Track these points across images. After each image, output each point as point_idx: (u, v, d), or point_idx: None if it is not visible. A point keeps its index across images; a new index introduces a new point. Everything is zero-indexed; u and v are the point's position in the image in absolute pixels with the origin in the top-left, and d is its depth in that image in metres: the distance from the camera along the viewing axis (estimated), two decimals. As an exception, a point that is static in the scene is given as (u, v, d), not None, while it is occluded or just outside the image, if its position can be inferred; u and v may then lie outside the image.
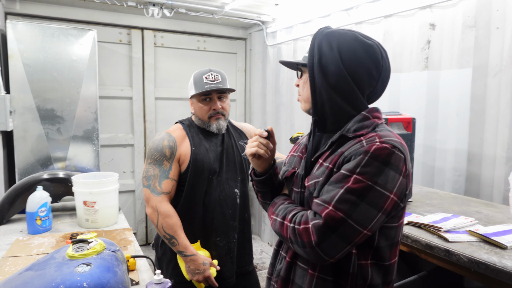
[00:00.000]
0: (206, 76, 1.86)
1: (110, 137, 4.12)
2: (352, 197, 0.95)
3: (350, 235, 0.96)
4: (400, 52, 2.76)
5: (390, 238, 1.06)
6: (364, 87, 1.07)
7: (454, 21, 2.38)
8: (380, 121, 1.10)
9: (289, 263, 1.15)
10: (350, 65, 1.04)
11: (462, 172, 2.37)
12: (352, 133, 1.06)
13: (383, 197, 0.96)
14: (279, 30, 4.16)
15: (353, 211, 0.95)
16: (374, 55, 1.06)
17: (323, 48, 1.07)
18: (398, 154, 0.98)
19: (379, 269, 1.06)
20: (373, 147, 0.97)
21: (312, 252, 0.98)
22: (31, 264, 1.23)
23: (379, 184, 0.95)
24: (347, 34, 1.08)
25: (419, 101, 2.62)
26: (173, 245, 1.77)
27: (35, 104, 2.97)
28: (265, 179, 1.23)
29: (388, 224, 1.04)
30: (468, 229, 1.50)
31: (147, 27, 4.19)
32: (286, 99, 4.13)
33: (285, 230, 1.06)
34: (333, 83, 1.06)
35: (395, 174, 0.97)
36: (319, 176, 1.07)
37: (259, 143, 1.18)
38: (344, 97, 1.07)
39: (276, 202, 1.19)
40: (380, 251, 1.05)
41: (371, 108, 1.10)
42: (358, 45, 1.05)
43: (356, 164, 0.97)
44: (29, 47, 2.94)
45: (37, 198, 2.02)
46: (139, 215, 4.37)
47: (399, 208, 1.04)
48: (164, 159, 1.82)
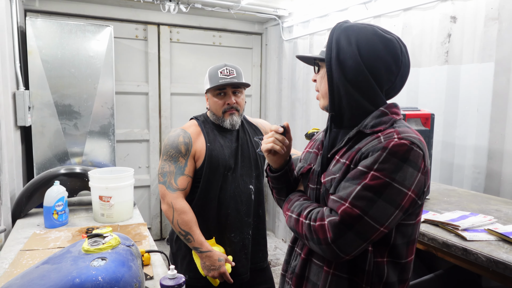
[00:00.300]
0: (221, 70, 1.85)
1: (125, 132, 4.16)
2: (369, 193, 0.94)
3: (367, 232, 0.94)
4: (419, 46, 2.69)
5: (407, 236, 1.04)
6: (382, 82, 1.05)
7: (477, 14, 2.30)
8: (399, 117, 1.07)
9: (304, 260, 1.14)
10: (368, 60, 1.02)
11: (481, 169, 2.30)
12: (369, 129, 1.03)
13: (400, 194, 0.94)
14: (295, 25, 4.12)
15: (370, 208, 0.93)
16: (394, 50, 1.04)
17: (341, 43, 1.05)
18: (416, 151, 0.96)
19: (395, 267, 1.04)
20: (391, 143, 0.95)
21: (328, 249, 0.97)
22: (48, 258, 1.25)
23: (397, 181, 0.94)
24: (366, 28, 1.06)
25: (438, 96, 2.56)
26: (189, 242, 1.77)
27: (53, 99, 3.01)
28: (280, 175, 1.22)
29: (405, 222, 1.02)
30: (486, 228, 1.46)
31: (163, 22, 4.21)
32: (302, 94, 4.10)
33: (300, 227, 1.06)
34: (351, 78, 1.04)
35: (413, 171, 0.95)
36: (336, 172, 1.05)
37: (275, 139, 1.16)
38: (362, 92, 1.05)
39: (292, 198, 1.18)
40: (396, 248, 1.03)
41: (389, 104, 1.08)
42: (377, 40, 1.03)
43: (373, 161, 0.96)
44: (47, 44, 2.98)
45: (54, 192, 2.06)
46: (154, 210, 4.42)
47: (417, 206, 1.01)
48: (179, 156, 1.82)
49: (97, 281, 1.11)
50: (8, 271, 1.51)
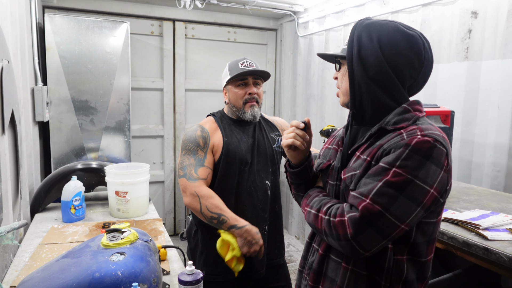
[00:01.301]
0: (241, 62, 1.87)
1: (140, 128, 4.19)
2: (391, 190, 0.93)
3: (387, 229, 0.94)
4: (438, 42, 2.64)
5: (427, 234, 1.03)
6: (405, 79, 1.04)
7: (499, 8, 2.24)
8: (422, 114, 1.06)
9: (322, 256, 1.13)
10: (390, 57, 1.01)
11: (502, 167, 2.25)
12: (391, 125, 1.02)
13: (423, 191, 0.93)
14: (311, 21, 4.08)
15: (391, 204, 0.93)
16: (416, 46, 1.02)
17: (363, 40, 1.04)
18: (440, 148, 0.95)
19: (414, 265, 1.04)
20: (414, 140, 0.94)
21: (347, 245, 0.97)
22: (68, 252, 1.27)
23: (420, 178, 0.92)
24: (388, 24, 1.05)
25: (458, 93, 2.50)
26: (223, 222, 1.71)
27: (70, 95, 3.05)
28: (300, 171, 1.21)
29: (426, 220, 1.01)
30: (508, 227, 1.43)
31: (178, 18, 4.22)
32: (317, 91, 4.07)
33: (319, 222, 1.05)
34: (372, 75, 1.03)
35: (436, 168, 0.94)
36: (356, 168, 1.04)
37: (296, 134, 1.16)
38: (384, 89, 1.04)
39: (310, 194, 1.18)
40: (417, 247, 1.02)
41: (412, 101, 1.07)
42: (399, 36, 1.02)
43: (396, 157, 0.95)
44: (65, 40, 3.02)
45: (71, 187, 2.08)
46: (168, 206, 4.45)
47: (439, 204, 1.00)
48: (198, 149, 1.82)
49: (116, 276, 1.12)
50: (28, 264, 1.53)
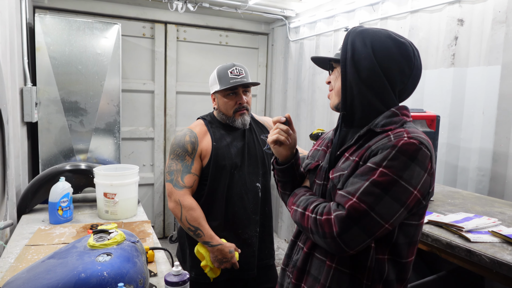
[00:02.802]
0: (231, 71, 1.85)
1: (131, 130, 4.18)
2: (377, 190, 0.96)
3: (372, 228, 0.96)
4: (425, 49, 2.69)
5: (409, 236, 1.06)
6: (395, 83, 1.08)
7: (484, 17, 2.30)
8: (409, 119, 1.10)
9: (306, 254, 1.15)
10: (383, 61, 1.06)
11: (486, 172, 2.30)
12: (380, 127, 1.06)
13: (406, 192, 0.96)
14: (302, 26, 4.12)
15: (376, 204, 0.95)
16: (407, 53, 1.07)
17: (356, 44, 1.09)
18: (425, 151, 0.98)
19: (394, 265, 1.06)
20: (401, 142, 0.98)
21: (333, 243, 0.99)
22: (54, 253, 1.26)
23: (404, 179, 0.95)
24: (380, 32, 1.10)
25: (444, 98, 2.55)
26: (199, 237, 1.79)
27: (60, 96, 3.03)
28: (286, 168, 1.24)
29: (408, 221, 1.04)
30: (490, 230, 1.46)
31: (170, 21, 4.23)
32: (307, 95, 4.10)
33: (306, 221, 1.07)
34: (365, 78, 1.07)
35: (420, 171, 0.97)
36: (345, 169, 1.07)
37: (280, 130, 1.20)
38: (375, 92, 1.08)
39: (297, 193, 1.20)
40: (398, 247, 1.05)
41: (400, 106, 1.11)
42: (391, 42, 1.07)
43: (383, 158, 0.98)
44: (55, 40, 3.00)
45: (59, 188, 2.07)
46: (157, 208, 4.43)
47: (421, 206, 1.03)
48: (186, 154, 1.84)
49: (102, 276, 1.12)
50: (14, 265, 1.52)
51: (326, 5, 3.68)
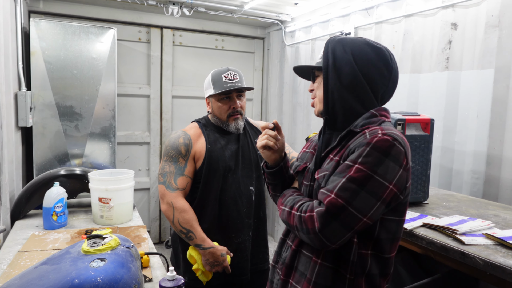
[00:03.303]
0: (225, 75, 1.86)
1: (126, 134, 4.17)
2: (353, 185, 1.00)
3: (351, 222, 1.01)
4: (420, 52, 2.71)
5: (391, 232, 1.10)
6: (377, 87, 1.14)
7: (477, 21, 2.32)
8: (387, 119, 1.15)
9: (294, 251, 1.20)
10: (363, 66, 1.11)
11: (480, 174, 2.31)
12: (359, 128, 1.11)
13: (382, 186, 1.00)
14: (297, 30, 4.14)
15: (353, 199, 1.00)
16: (384, 57, 1.13)
17: (337, 52, 1.14)
18: (398, 147, 1.02)
19: (378, 261, 1.11)
20: (375, 139, 1.03)
21: (315, 238, 1.04)
22: (47, 259, 1.25)
23: (379, 174, 1.00)
24: (358, 39, 1.16)
25: (439, 102, 2.56)
26: (190, 239, 1.78)
27: (55, 101, 3.03)
28: (275, 171, 1.30)
29: (389, 217, 1.09)
30: (484, 232, 1.47)
31: (166, 25, 4.23)
32: (303, 99, 4.11)
33: (292, 219, 1.13)
34: (347, 83, 1.12)
35: (394, 166, 1.01)
36: (328, 169, 1.12)
37: (268, 136, 1.27)
38: (356, 96, 1.13)
39: (286, 194, 1.26)
40: (380, 243, 1.09)
41: (379, 107, 1.16)
42: (369, 49, 1.13)
43: (358, 155, 1.03)
44: (50, 45, 3.00)
45: (53, 193, 2.06)
46: (153, 213, 4.42)
47: (399, 201, 1.07)
48: (179, 157, 1.83)
49: (96, 282, 1.11)
50: (6, 271, 1.51)
51: (322, 9, 3.70)
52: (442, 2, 2.51)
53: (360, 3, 3.19)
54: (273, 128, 1.28)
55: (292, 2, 3.70)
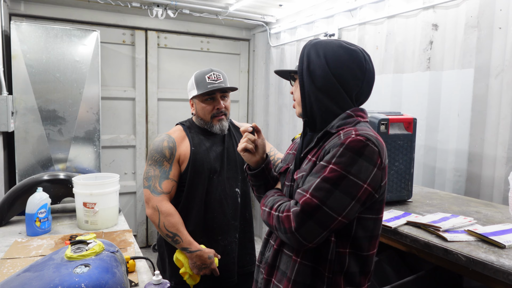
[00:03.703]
0: (208, 76, 1.86)
1: (111, 138, 4.13)
2: (327, 185, 1.03)
3: (326, 221, 1.03)
4: (402, 53, 2.75)
5: (368, 230, 1.12)
6: (350, 87, 1.16)
7: (457, 22, 2.36)
8: (363, 119, 1.17)
9: (276, 250, 1.22)
10: (335, 69, 1.14)
11: (462, 172, 2.35)
12: (335, 129, 1.13)
13: (356, 186, 1.03)
14: (282, 31, 4.16)
15: (327, 198, 1.02)
16: (358, 59, 1.15)
17: (311, 56, 1.18)
18: (371, 147, 1.04)
19: (357, 259, 1.13)
20: (348, 139, 1.05)
21: (292, 237, 1.06)
22: (29, 266, 1.23)
23: (352, 174, 1.02)
24: (333, 42, 1.18)
25: (421, 101, 2.61)
26: (177, 243, 1.77)
27: (37, 105, 2.98)
28: (257, 173, 1.32)
29: (365, 215, 1.11)
30: (466, 229, 1.50)
31: (150, 27, 4.20)
32: (289, 100, 4.13)
33: (271, 219, 1.15)
34: (320, 85, 1.15)
35: (368, 165, 1.03)
36: (306, 169, 1.15)
37: (248, 139, 1.30)
38: (331, 97, 1.16)
39: (267, 195, 1.28)
40: (358, 241, 1.11)
41: (356, 108, 1.18)
42: (342, 51, 1.15)
43: (332, 155, 1.05)
44: (32, 48, 2.96)
45: (36, 199, 2.02)
46: (140, 217, 4.38)
47: (375, 200, 1.09)
48: (164, 160, 1.82)
49: (79, 288, 1.10)
50: (-11, 279, 1.48)
51: (306, 10, 3.73)
52: (423, 3, 2.56)
53: (343, 5, 3.23)
54: (252, 131, 1.31)
55: (277, 3, 3.72)
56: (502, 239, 1.37)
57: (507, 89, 2.09)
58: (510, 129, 2.07)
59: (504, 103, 2.10)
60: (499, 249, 1.33)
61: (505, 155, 2.09)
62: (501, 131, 2.12)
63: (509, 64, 2.08)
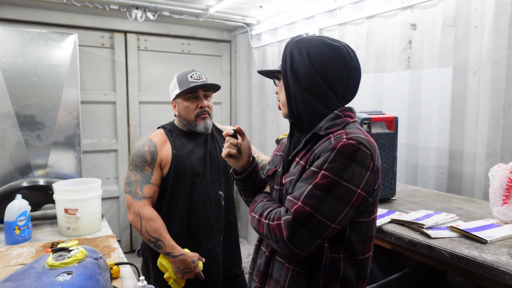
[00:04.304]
0: (190, 75, 1.86)
1: (92, 142, 4.06)
2: (319, 192, 0.99)
3: (319, 229, 0.99)
4: (383, 52, 2.79)
5: (362, 233, 1.09)
6: (335, 86, 1.12)
7: (435, 21, 2.41)
8: (352, 120, 1.14)
9: (268, 258, 1.18)
10: (319, 67, 1.09)
11: (444, 169, 2.40)
12: (323, 131, 1.10)
13: (349, 192, 0.99)
14: (263, 32, 4.17)
15: (320, 206, 0.98)
16: (342, 55, 1.11)
17: (294, 54, 1.13)
18: (364, 150, 1.01)
19: (352, 263, 1.09)
20: (340, 144, 1.01)
21: (284, 247, 1.02)
22: (9, 275, 1.20)
23: (345, 179, 0.99)
24: (315, 39, 1.14)
25: (402, 100, 2.65)
26: (160, 248, 1.75)
27: (14, 110, 2.90)
28: (244, 177, 1.27)
29: (359, 219, 1.08)
30: (449, 225, 1.52)
31: (130, 30, 4.15)
32: (272, 101, 4.13)
33: (261, 227, 1.11)
34: (305, 85, 1.11)
35: (361, 170, 1.00)
36: (295, 174, 1.11)
37: (230, 144, 1.24)
38: (317, 97, 1.12)
39: (256, 200, 1.23)
40: (352, 245, 1.08)
41: (343, 107, 1.15)
42: (326, 48, 1.11)
43: (323, 161, 1.01)
44: (7, 52, 2.87)
45: (15, 207, 1.97)
46: (123, 221, 4.31)
47: (369, 203, 1.07)
48: (145, 165, 1.80)
49: (62, 297, 1.07)
50: (-34, 291, 1.43)
51: (287, 11, 3.74)
52: (401, 4, 2.60)
53: (323, 5, 3.25)
54: (234, 135, 1.25)
55: (257, 5, 3.72)
56: (484, 234, 1.40)
57: (484, 87, 2.14)
58: (488, 126, 2.12)
59: (482, 101, 2.15)
60: (481, 244, 1.35)
61: (484, 151, 2.14)
62: (480, 128, 2.17)
63: (485, 62, 2.13)
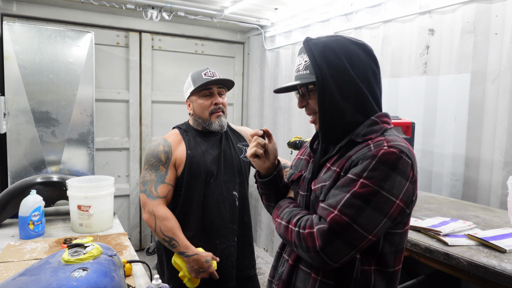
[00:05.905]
0: (205, 73, 1.88)
1: (105, 140, 4.08)
2: (358, 201, 0.94)
3: (355, 240, 0.94)
4: (399, 57, 2.76)
5: (394, 245, 1.04)
6: (373, 87, 1.07)
7: (453, 27, 2.38)
8: (389, 126, 1.08)
9: (292, 266, 1.13)
10: (358, 69, 1.04)
11: (459, 176, 2.36)
12: (361, 137, 1.04)
13: (389, 202, 0.94)
14: (277, 35, 4.16)
15: (358, 216, 0.93)
16: (370, 52, 1.08)
17: (330, 59, 1.03)
18: (405, 159, 0.96)
19: (382, 276, 1.04)
20: (381, 152, 0.95)
21: (316, 257, 0.96)
22: (25, 269, 1.20)
23: (386, 189, 0.94)
24: (341, 40, 1.07)
25: (418, 106, 2.62)
26: (174, 247, 1.75)
27: (30, 106, 2.93)
28: (269, 180, 1.22)
29: (393, 230, 1.03)
30: (466, 233, 1.50)
31: (145, 30, 4.18)
32: (284, 103, 4.12)
33: (289, 234, 1.05)
34: (347, 93, 1.03)
35: (402, 180, 0.95)
36: (326, 180, 1.05)
37: (257, 143, 1.18)
38: (358, 106, 1.05)
39: (281, 205, 1.17)
40: (384, 257, 1.03)
41: (380, 113, 1.08)
42: (357, 47, 1.06)
43: (363, 168, 0.96)
44: (25, 49, 2.91)
45: (30, 202, 1.98)
46: (133, 220, 4.33)
47: (405, 214, 1.02)
48: (160, 164, 1.81)
49: (78, 293, 1.07)
50: (-19, 284, 1.44)
51: (301, 14, 3.73)
52: (419, 8, 2.58)
53: (339, 9, 3.24)
54: (262, 136, 1.20)
55: (272, 7, 3.72)
56: (502, 243, 1.38)
57: (503, 93, 2.11)
58: (507, 134, 2.09)
59: (501, 108, 2.12)
60: (500, 254, 1.33)
61: (502, 159, 2.11)
62: (498, 136, 2.13)
63: (505, 69, 2.10)
